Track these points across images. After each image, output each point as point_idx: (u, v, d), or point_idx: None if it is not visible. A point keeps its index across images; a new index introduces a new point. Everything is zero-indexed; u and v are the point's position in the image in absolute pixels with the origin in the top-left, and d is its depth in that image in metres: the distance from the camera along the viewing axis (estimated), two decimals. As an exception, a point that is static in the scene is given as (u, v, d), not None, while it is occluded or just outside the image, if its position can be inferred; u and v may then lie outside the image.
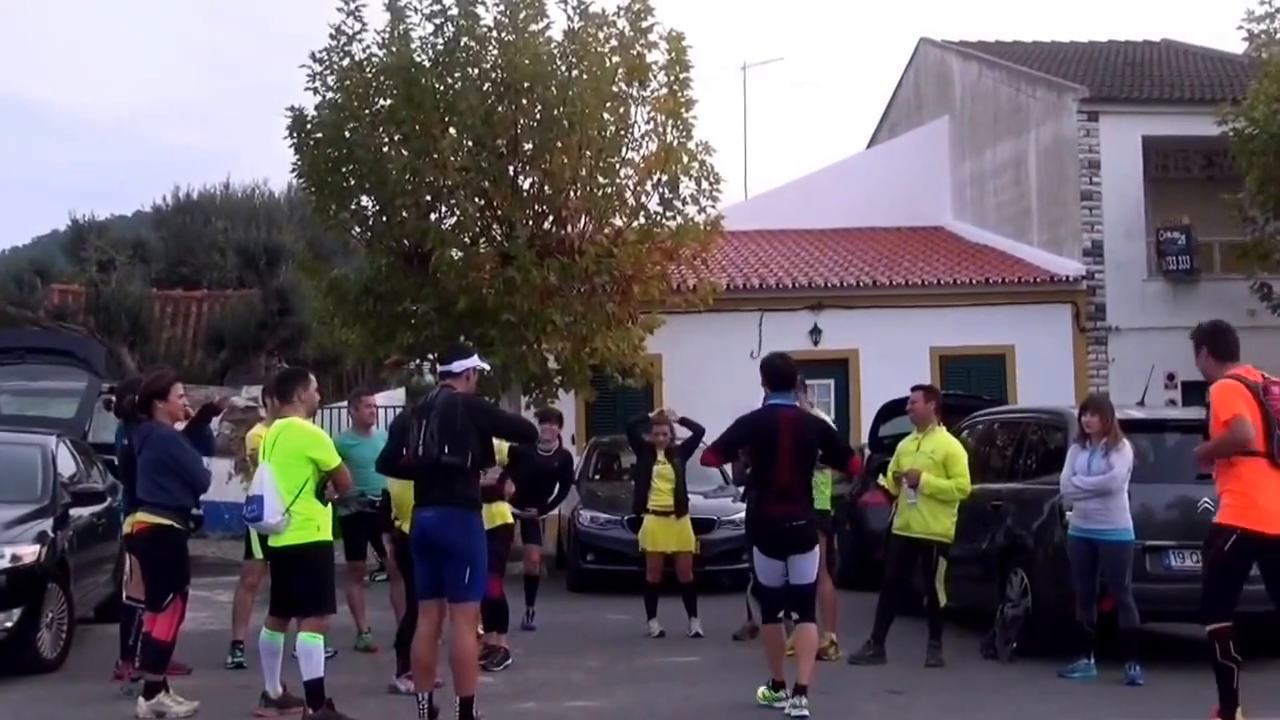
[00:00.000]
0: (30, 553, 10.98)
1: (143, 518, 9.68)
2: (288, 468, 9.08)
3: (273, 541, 9.24)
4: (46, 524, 11.51)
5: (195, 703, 9.54)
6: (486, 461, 9.07)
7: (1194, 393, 23.01)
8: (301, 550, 9.10)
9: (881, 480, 12.58)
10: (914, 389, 12.44)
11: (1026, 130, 28.15)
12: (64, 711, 9.73)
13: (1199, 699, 9.23)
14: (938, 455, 11.82)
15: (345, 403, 16.62)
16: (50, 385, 14.99)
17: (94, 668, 11.26)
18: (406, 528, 9.58)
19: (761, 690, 9.81)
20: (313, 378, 9.72)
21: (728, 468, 16.24)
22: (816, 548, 9.76)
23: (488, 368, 10.61)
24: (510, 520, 11.77)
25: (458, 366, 8.93)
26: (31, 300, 28.26)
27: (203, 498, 10.45)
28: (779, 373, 9.82)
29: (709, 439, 11.23)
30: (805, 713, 9.23)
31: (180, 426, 10.04)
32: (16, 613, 10.75)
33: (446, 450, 8.54)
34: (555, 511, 16.29)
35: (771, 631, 9.76)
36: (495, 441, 11.07)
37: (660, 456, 13.91)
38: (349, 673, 10.63)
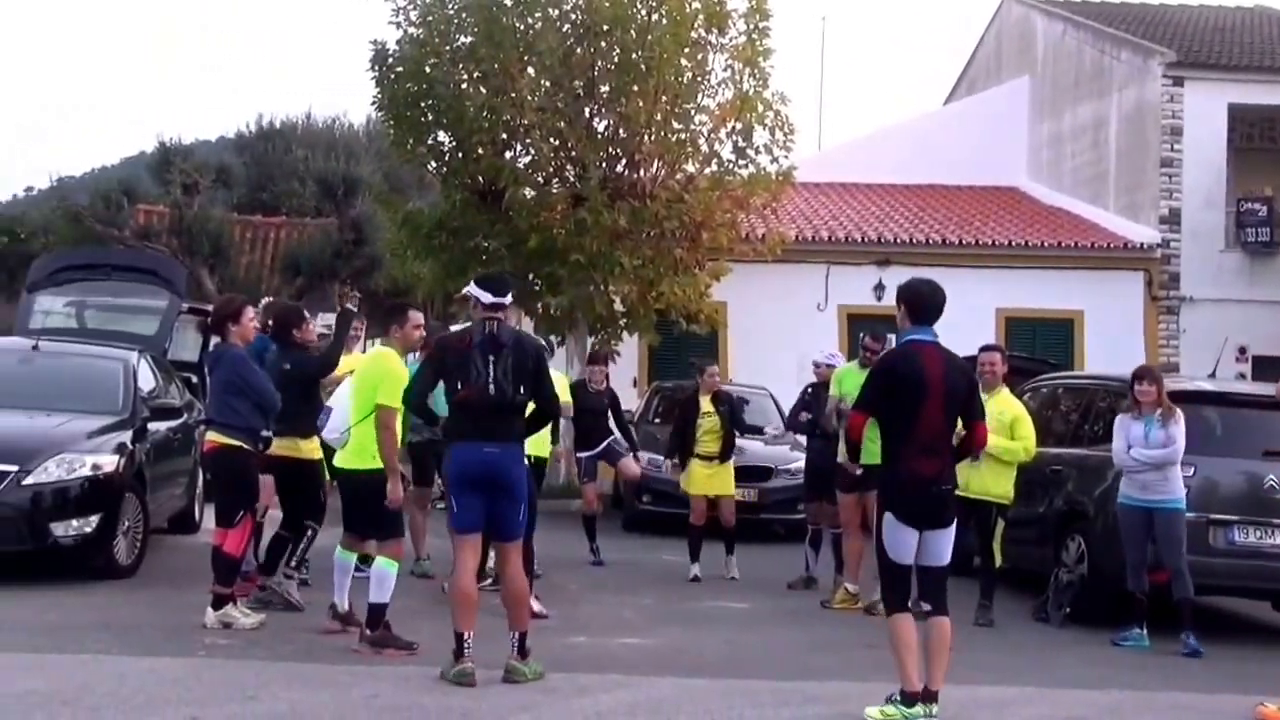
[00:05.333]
0: (110, 463, 11.35)
1: (213, 437, 9.88)
2: (361, 393, 9.33)
3: (336, 463, 9.50)
4: (126, 436, 11.85)
5: (262, 615, 9.81)
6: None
7: (1266, 367, 22.81)
8: (362, 476, 9.29)
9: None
10: (987, 349, 12.26)
11: (1109, 93, 27.81)
12: (140, 615, 10.00)
13: (1247, 677, 9.23)
14: (1005, 417, 11.66)
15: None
16: (133, 302, 15.29)
17: (167, 575, 11.65)
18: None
19: (881, 709, 7.63)
20: (413, 314, 9.77)
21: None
22: (955, 523, 7.98)
23: None
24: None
25: (510, 297, 8.64)
26: (118, 219, 28.86)
27: None
28: (923, 300, 7.89)
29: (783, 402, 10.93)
30: None
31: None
32: (95, 519, 11.12)
33: (521, 391, 8.38)
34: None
35: (904, 625, 7.65)
36: (560, 382, 11.13)
37: (705, 404, 13.87)
38: (403, 596, 10.62)
